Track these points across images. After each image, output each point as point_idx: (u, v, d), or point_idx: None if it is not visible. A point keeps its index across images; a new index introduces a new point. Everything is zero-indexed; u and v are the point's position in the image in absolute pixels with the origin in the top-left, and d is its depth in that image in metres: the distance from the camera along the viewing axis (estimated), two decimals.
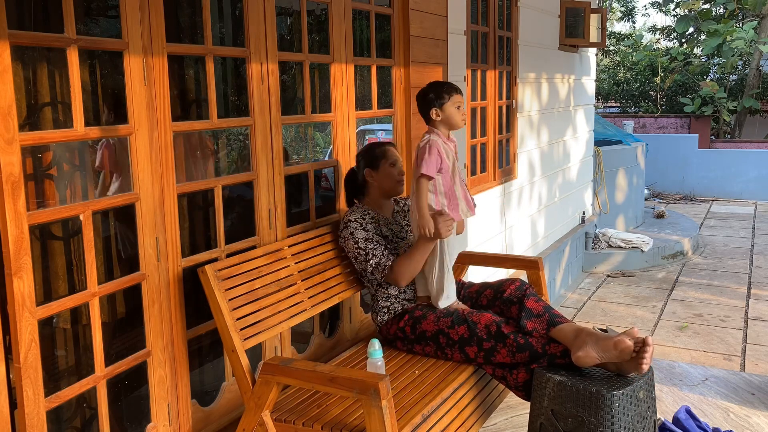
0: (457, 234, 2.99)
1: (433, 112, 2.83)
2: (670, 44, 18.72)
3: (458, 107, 2.82)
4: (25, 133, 1.93)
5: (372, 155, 3.03)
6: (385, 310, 2.97)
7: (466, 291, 3.11)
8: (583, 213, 7.66)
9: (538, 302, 2.78)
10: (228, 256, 2.64)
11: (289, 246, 2.82)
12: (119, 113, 2.49)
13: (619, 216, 8.45)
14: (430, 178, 2.76)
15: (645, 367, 2.45)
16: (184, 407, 2.51)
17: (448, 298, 2.89)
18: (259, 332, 2.53)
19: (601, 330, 2.88)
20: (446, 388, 2.60)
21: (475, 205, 2.96)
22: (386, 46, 3.72)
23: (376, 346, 2.66)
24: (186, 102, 3.69)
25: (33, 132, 2.16)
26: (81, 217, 2.12)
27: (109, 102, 2.99)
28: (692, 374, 3.86)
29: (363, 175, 3.04)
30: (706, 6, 15.80)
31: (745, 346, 5.13)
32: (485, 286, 3.08)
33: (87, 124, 2.10)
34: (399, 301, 2.97)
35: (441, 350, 2.81)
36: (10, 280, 1.89)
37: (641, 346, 2.45)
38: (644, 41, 19.81)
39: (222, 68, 3.97)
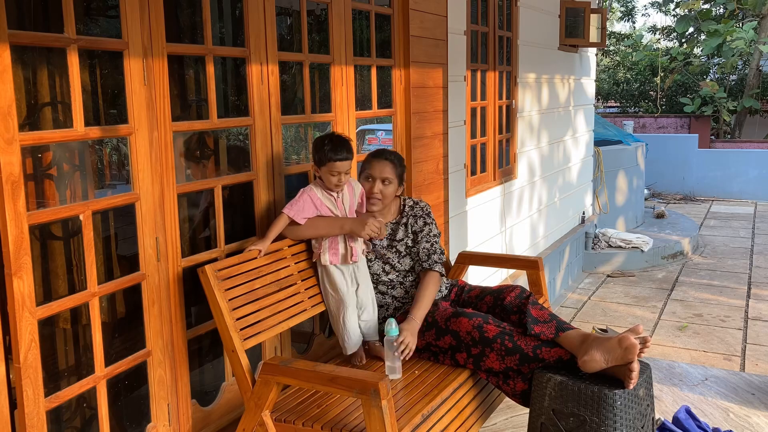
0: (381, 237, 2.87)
1: (314, 168, 2.83)
2: (670, 44, 18.73)
3: (334, 174, 2.74)
4: (25, 133, 1.93)
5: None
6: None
7: (466, 295, 3.10)
8: (583, 213, 7.66)
9: (542, 310, 2.77)
10: (228, 256, 2.64)
11: (289, 246, 2.82)
12: (119, 113, 2.49)
13: (619, 216, 8.45)
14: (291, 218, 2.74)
15: (631, 386, 2.43)
16: (184, 407, 2.51)
17: (347, 347, 2.80)
18: (259, 332, 2.53)
19: (601, 330, 2.88)
20: (446, 388, 2.60)
21: (354, 255, 2.80)
22: (386, 46, 3.72)
23: (393, 325, 2.65)
24: (186, 102, 3.69)
25: (33, 132, 2.16)
26: (81, 217, 2.13)
27: (109, 102, 2.99)
28: (692, 374, 3.86)
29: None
30: (706, 6, 15.81)
31: (745, 346, 5.13)
32: (485, 291, 3.05)
33: (87, 124, 2.10)
34: (380, 321, 2.98)
35: (435, 358, 2.83)
36: (10, 280, 1.89)
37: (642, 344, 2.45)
38: (644, 41, 19.82)
39: (222, 68, 3.96)
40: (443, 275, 3.02)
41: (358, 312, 2.85)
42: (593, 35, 6.80)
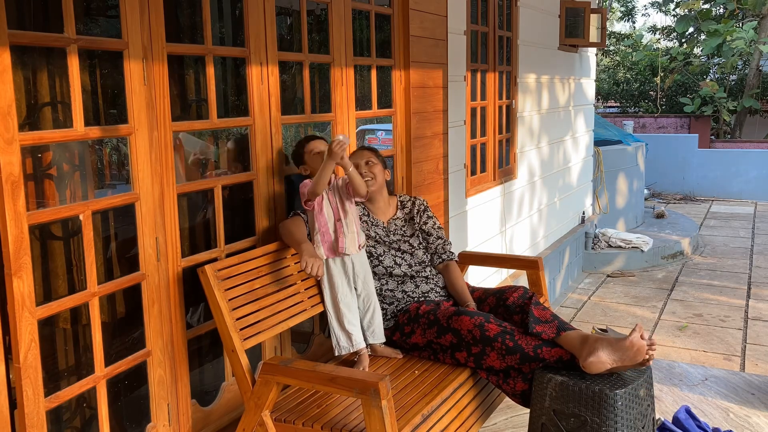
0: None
1: (302, 170, 2.90)
2: (670, 44, 18.72)
3: (317, 152, 2.80)
4: (25, 133, 1.93)
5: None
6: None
7: (472, 296, 3.11)
8: (583, 213, 7.66)
9: (544, 310, 2.78)
10: (228, 256, 2.64)
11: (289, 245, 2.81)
12: (119, 113, 2.49)
13: (619, 216, 8.45)
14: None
15: (650, 361, 2.47)
16: (184, 407, 2.51)
17: (340, 347, 2.78)
18: (259, 332, 2.53)
19: (601, 330, 2.88)
20: (446, 388, 2.60)
21: (341, 246, 2.77)
22: (386, 46, 3.72)
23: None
24: (186, 102, 3.69)
25: (33, 132, 2.16)
26: (81, 217, 2.13)
27: (109, 102, 2.98)
28: (692, 374, 3.86)
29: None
30: (706, 6, 15.80)
31: (745, 346, 5.13)
32: (488, 293, 3.08)
33: (87, 124, 2.10)
34: (389, 317, 2.99)
35: (435, 356, 2.83)
36: (10, 280, 1.89)
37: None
38: (644, 41, 19.81)
39: (222, 68, 3.96)
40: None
41: (361, 314, 2.85)
42: (593, 35, 6.80)
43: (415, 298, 3.02)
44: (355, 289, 2.83)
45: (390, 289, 3.01)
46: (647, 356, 2.46)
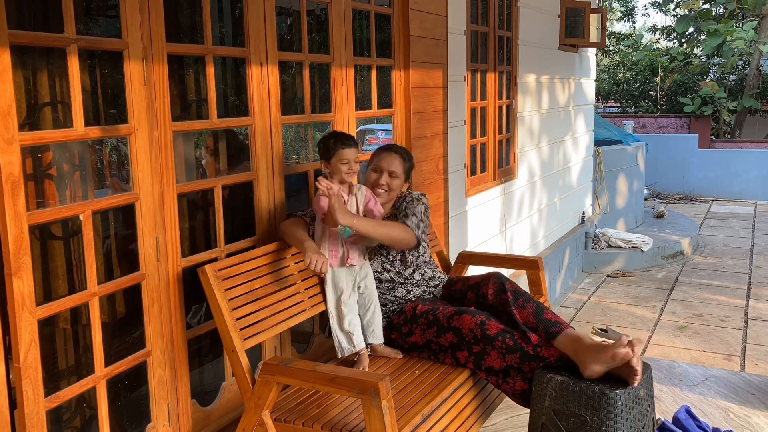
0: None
1: (322, 164, 2.84)
2: (670, 44, 18.73)
3: (344, 162, 2.74)
4: (24, 133, 1.93)
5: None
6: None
7: (452, 289, 3.11)
8: (583, 213, 7.66)
9: (524, 309, 2.76)
10: (228, 256, 2.64)
11: (289, 246, 2.81)
12: (119, 113, 2.49)
13: (619, 216, 8.45)
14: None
15: (636, 383, 2.43)
16: (183, 407, 2.51)
17: (343, 349, 2.76)
18: (259, 332, 2.53)
19: (601, 330, 2.87)
20: (446, 388, 2.60)
21: (350, 258, 2.76)
22: (386, 46, 3.72)
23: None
24: (186, 102, 3.69)
25: (33, 132, 2.16)
26: (81, 217, 2.13)
27: (109, 102, 2.98)
28: (692, 374, 3.86)
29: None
30: (706, 6, 15.81)
31: (745, 346, 5.13)
32: (466, 286, 3.05)
33: (87, 124, 2.10)
34: (383, 317, 2.98)
35: (435, 356, 2.82)
36: (10, 280, 1.89)
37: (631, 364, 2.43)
38: (644, 41, 19.81)
39: (222, 68, 3.96)
40: (416, 246, 2.93)
41: (361, 312, 2.84)
42: (593, 35, 6.80)
43: (408, 300, 3.00)
44: (358, 288, 2.83)
45: (382, 292, 2.99)
46: (632, 379, 2.42)
